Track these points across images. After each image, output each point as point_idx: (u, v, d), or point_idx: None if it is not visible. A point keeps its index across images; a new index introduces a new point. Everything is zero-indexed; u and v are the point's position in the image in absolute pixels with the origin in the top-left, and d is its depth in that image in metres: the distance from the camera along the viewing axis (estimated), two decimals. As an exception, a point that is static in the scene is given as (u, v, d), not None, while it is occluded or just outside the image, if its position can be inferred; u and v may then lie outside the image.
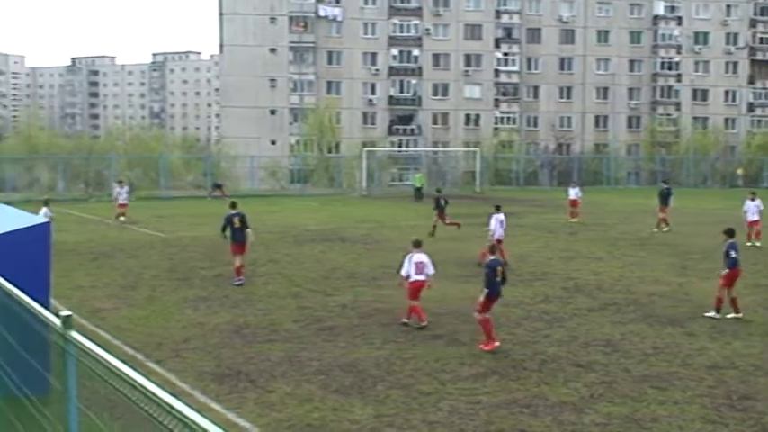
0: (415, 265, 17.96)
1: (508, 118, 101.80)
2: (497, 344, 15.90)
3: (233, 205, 24.24)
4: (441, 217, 36.12)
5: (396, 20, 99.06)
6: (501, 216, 27.85)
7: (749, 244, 31.67)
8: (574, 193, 43.93)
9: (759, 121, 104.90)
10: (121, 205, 41.43)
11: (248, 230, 23.69)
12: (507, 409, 12.63)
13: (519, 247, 31.29)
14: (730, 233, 19.39)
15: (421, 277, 17.96)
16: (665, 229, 37.08)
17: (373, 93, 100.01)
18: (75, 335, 4.81)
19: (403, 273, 18.21)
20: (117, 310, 19.77)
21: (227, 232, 23.69)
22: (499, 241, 26.21)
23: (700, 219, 44.07)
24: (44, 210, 30.16)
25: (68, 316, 4.92)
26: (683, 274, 25.88)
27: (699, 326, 18.36)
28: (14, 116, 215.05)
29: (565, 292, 22.32)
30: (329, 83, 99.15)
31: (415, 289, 17.97)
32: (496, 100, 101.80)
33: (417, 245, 18.44)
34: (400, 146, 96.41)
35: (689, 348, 16.41)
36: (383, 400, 12.99)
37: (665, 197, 38.60)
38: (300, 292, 22.21)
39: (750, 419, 12.28)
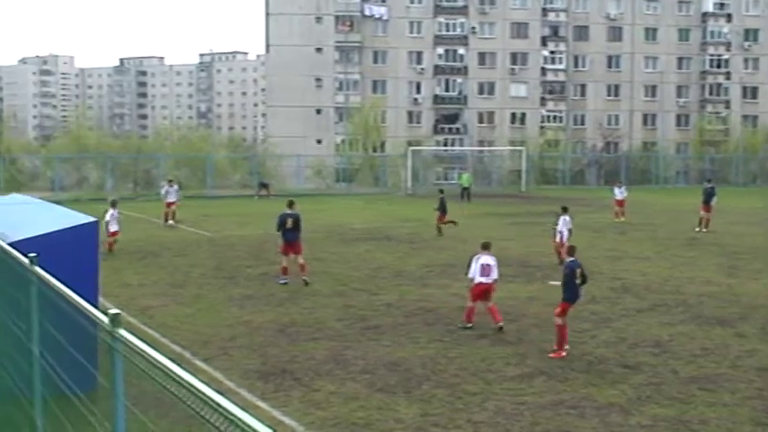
0: (481, 267, 17.71)
1: (554, 116, 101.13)
2: (564, 354, 15.59)
3: (290, 204, 24.20)
4: (441, 218, 35.85)
5: (441, 18, 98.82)
6: (567, 217, 27.72)
7: None
8: (619, 192, 43.52)
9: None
10: (169, 204, 40.06)
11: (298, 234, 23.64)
12: (553, 410, 12.56)
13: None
14: None
15: (486, 280, 17.69)
16: (704, 230, 36.49)
17: (419, 92, 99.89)
18: (123, 333, 4.84)
19: (470, 275, 17.99)
20: (164, 308, 19.96)
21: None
22: (562, 243, 26.18)
23: (749, 218, 43.52)
24: (111, 211, 29.46)
25: (117, 314, 4.95)
26: (732, 274, 25.55)
27: (749, 327, 18.13)
28: (63, 116, 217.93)
29: (612, 293, 22.13)
30: (375, 82, 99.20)
31: (479, 292, 17.73)
32: (543, 98, 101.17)
33: (486, 246, 18.20)
34: (445, 145, 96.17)
35: (738, 350, 16.20)
36: (428, 400, 12.97)
37: (708, 196, 38.14)
38: (346, 291, 22.26)
39: (802, 422, 12.08)
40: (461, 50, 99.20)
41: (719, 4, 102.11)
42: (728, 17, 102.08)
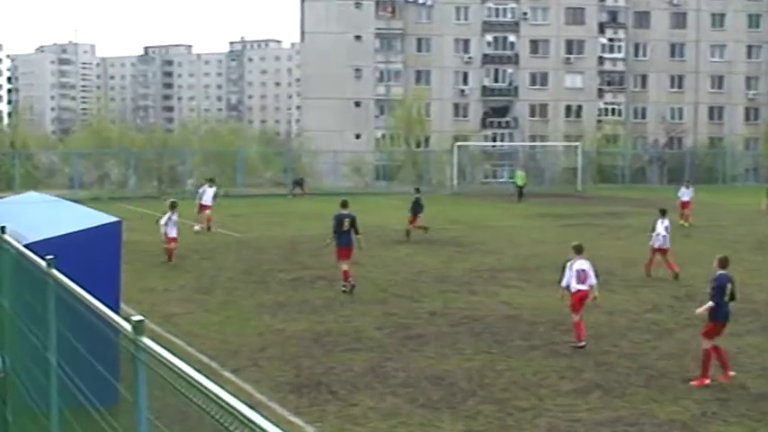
0: (576, 273, 17.29)
1: (613, 109, 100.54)
2: (708, 381, 14.64)
3: (344, 204, 24.05)
4: (411, 221, 35.28)
5: (490, 3, 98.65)
6: (667, 221, 26.81)
7: None
8: (685, 193, 42.92)
9: None
10: (203, 206, 38.31)
11: (358, 236, 23.61)
12: (610, 428, 12.49)
13: (625, 250, 30.89)
14: None
15: (584, 287, 17.30)
16: None
17: (465, 83, 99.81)
18: (146, 341, 4.86)
19: (563, 283, 17.63)
20: (191, 315, 20.08)
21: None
22: (664, 250, 25.71)
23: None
24: (169, 214, 28.61)
25: (140, 321, 4.97)
26: (808, 281, 25.23)
27: (827, 340, 17.88)
28: (84, 108, 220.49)
29: (675, 301, 21.94)
30: (418, 72, 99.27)
31: (578, 300, 17.30)
32: (600, 90, 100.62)
33: (579, 250, 17.81)
34: (494, 140, 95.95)
35: (815, 364, 15.98)
36: (475, 416, 12.94)
37: None
38: (386, 298, 22.26)
39: None
40: (512, 38, 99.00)
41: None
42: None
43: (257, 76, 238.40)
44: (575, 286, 17.24)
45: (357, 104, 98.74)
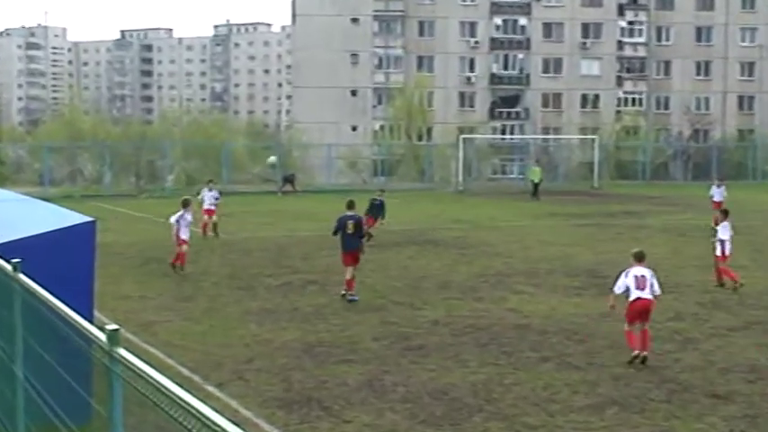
0: (635, 279, 16.70)
1: (633, 99, 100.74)
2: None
3: (350, 205, 23.94)
4: (371, 221, 34.39)
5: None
6: (728, 224, 25.66)
7: None
8: (718, 192, 42.59)
9: None
10: (208, 211, 37.25)
11: (361, 240, 23.61)
12: (628, 448, 12.54)
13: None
14: None
15: (645, 295, 16.68)
16: None
17: (472, 69, 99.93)
18: (122, 352, 4.90)
19: (616, 290, 17.10)
20: (171, 324, 20.11)
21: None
22: (724, 256, 25.00)
23: None
24: (182, 212, 27.98)
25: (115, 330, 5.01)
26: None
27: None
28: (54, 98, 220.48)
29: (700, 308, 21.97)
30: (420, 58, 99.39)
31: (636, 310, 16.70)
32: (619, 77, 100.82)
33: (639, 258, 17.20)
34: (503, 132, 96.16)
35: None
36: (480, 435, 12.99)
37: None
38: (384, 305, 22.28)
39: None
40: (523, 21, 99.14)
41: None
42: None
43: (244, 63, 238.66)
44: (635, 293, 16.68)
45: (353, 93, 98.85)
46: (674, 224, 41.95)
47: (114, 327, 5.06)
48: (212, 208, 37.24)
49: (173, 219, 27.93)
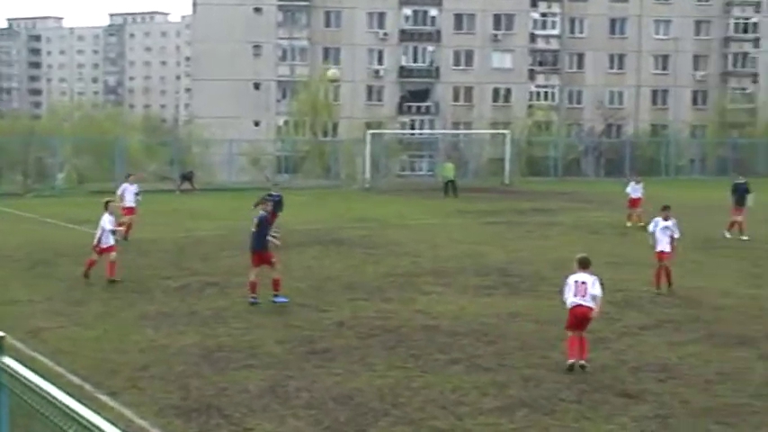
0: (575, 285, 16.66)
1: (546, 93, 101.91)
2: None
3: (258, 204, 24.16)
4: (274, 216, 33.94)
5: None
6: (668, 222, 25.53)
7: None
8: (636, 189, 42.80)
9: None
10: (128, 210, 34.94)
11: (269, 237, 23.50)
12: (538, 451, 12.73)
13: (556, 251, 31.33)
14: None
15: (584, 302, 16.58)
16: (744, 238, 36.31)
17: (380, 62, 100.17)
18: (8, 361, 4.86)
19: (564, 296, 17.01)
20: (61, 330, 19.84)
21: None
22: (663, 255, 24.82)
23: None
24: (106, 215, 26.21)
25: (0, 338, 4.96)
26: (756, 284, 25.91)
27: (776, 348, 18.40)
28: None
29: (612, 307, 22.24)
30: (326, 50, 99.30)
31: (572, 318, 16.73)
32: (532, 71, 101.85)
33: (583, 264, 17.04)
34: (413, 127, 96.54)
35: (763, 375, 16.45)
36: (386, 440, 13.07)
37: (740, 194, 37.91)
38: (287, 308, 22.25)
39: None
40: (433, 12, 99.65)
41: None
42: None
43: (140, 55, 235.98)
44: (571, 300, 16.70)
45: (256, 87, 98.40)
46: (585, 221, 42.55)
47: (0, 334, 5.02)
48: (133, 206, 35.21)
49: (102, 224, 26.40)
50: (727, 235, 36.49)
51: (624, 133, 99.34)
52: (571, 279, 16.91)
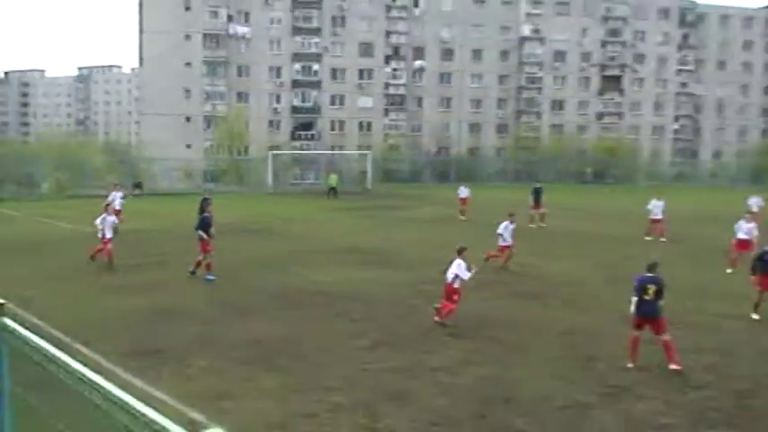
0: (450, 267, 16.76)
1: (396, 125, 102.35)
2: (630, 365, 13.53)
3: (201, 209, 23.94)
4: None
5: (298, 38, 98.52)
6: (508, 224, 24.90)
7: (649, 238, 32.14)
8: (463, 191, 43.26)
9: (606, 127, 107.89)
10: (117, 211, 32.09)
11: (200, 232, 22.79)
12: (393, 374, 12.87)
13: (405, 234, 31.55)
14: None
15: (449, 280, 16.74)
16: (543, 225, 36.88)
17: (278, 102, 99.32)
18: (7, 321, 4.72)
19: (449, 278, 16.81)
20: (46, 297, 19.24)
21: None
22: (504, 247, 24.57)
23: (557, 211, 45.04)
24: (104, 214, 25.71)
25: (1, 305, 4.80)
26: (543, 257, 26.50)
27: (554, 300, 18.83)
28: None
29: (441, 275, 22.59)
30: (239, 93, 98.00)
31: (445, 291, 16.85)
32: (386, 109, 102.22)
33: (459, 252, 16.96)
34: (302, 149, 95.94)
35: (541, 317, 16.88)
36: (286, 371, 13.06)
37: (537, 195, 38.69)
38: (215, 279, 21.99)
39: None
40: (316, 66, 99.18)
41: (534, 29, 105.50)
42: (541, 41, 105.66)
43: (102, 96, 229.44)
44: (449, 279, 16.70)
45: (188, 120, 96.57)
46: (423, 215, 43.03)
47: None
48: (120, 209, 33.94)
49: (97, 221, 25.93)
50: (533, 226, 36.46)
51: (451, 153, 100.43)
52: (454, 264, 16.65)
